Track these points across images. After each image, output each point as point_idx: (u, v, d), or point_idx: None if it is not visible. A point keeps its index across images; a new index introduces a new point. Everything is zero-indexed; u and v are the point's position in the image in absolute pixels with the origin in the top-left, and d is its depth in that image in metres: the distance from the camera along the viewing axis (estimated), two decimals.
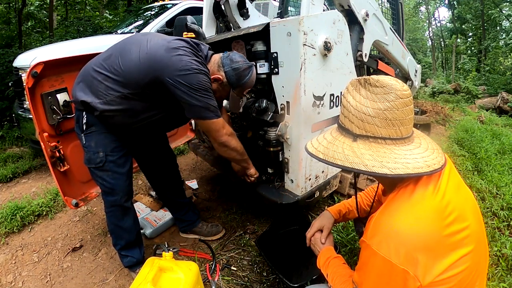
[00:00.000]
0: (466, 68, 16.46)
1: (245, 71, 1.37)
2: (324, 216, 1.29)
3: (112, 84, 1.29)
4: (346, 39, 1.61)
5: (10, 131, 4.30)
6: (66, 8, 9.27)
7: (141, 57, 1.26)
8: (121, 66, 1.28)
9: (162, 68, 1.23)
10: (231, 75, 1.36)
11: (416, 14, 20.77)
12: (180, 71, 1.22)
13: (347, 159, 0.76)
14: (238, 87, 1.40)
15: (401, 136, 0.76)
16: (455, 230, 0.70)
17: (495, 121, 5.88)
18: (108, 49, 1.40)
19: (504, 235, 1.88)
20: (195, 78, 1.24)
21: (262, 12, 3.96)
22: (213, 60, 1.40)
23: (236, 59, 1.37)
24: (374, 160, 0.73)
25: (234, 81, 1.38)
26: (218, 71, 1.38)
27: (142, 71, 1.25)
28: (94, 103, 1.31)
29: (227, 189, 2.59)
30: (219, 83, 1.39)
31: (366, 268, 0.79)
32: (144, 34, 1.41)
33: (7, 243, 2.07)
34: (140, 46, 1.28)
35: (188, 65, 1.23)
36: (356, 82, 0.80)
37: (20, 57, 3.17)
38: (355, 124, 0.78)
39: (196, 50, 1.32)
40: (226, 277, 1.65)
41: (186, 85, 1.22)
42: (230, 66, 1.36)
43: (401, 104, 0.74)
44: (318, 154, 0.82)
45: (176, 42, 1.29)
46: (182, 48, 1.26)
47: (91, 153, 1.40)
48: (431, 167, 0.72)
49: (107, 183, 1.44)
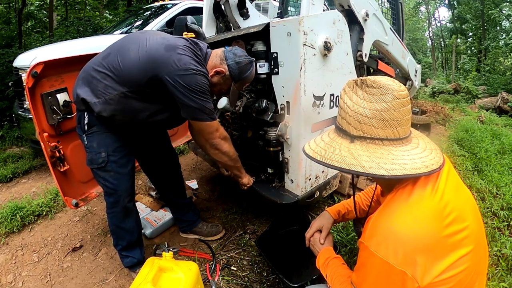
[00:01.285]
0: (466, 68, 16.46)
1: (247, 65, 1.40)
2: (323, 217, 1.29)
3: (111, 83, 1.29)
4: (346, 39, 1.61)
5: (10, 131, 4.30)
6: (66, 8, 9.26)
7: (141, 56, 1.26)
8: (120, 65, 1.28)
9: (161, 67, 1.24)
10: (234, 69, 1.38)
11: (416, 14, 20.76)
12: (179, 71, 1.23)
13: (344, 161, 0.75)
14: (240, 80, 1.43)
15: (399, 137, 0.76)
16: (454, 231, 0.70)
17: (495, 121, 5.88)
18: (107, 48, 1.40)
19: (504, 235, 1.88)
20: (194, 79, 1.25)
21: (262, 12, 3.96)
22: (215, 54, 1.42)
23: (239, 53, 1.40)
24: (372, 162, 0.73)
25: (236, 74, 1.40)
26: (220, 64, 1.39)
27: (142, 70, 1.26)
28: (93, 102, 1.31)
29: (227, 189, 2.59)
30: (221, 76, 1.40)
31: (364, 269, 0.79)
32: (143, 32, 1.42)
33: (7, 243, 2.07)
34: (140, 45, 1.29)
35: (187, 65, 1.24)
36: (352, 83, 0.80)
37: (20, 57, 3.17)
38: (352, 125, 0.78)
39: (195, 49, 1.32)
40: (226, 277, 1.65)
41: (184, 85, 1.23)
42: (234, 60, 1.38)
43: (398, 104, 0.74)
44: (315, 156, 0.82)
45: (176, 40, 1.30)
46: (182, 47, 1.27)
47: (93, 154, 1.40)
48: (429, 167, 0.72)
49: (110, 184, 1.44)
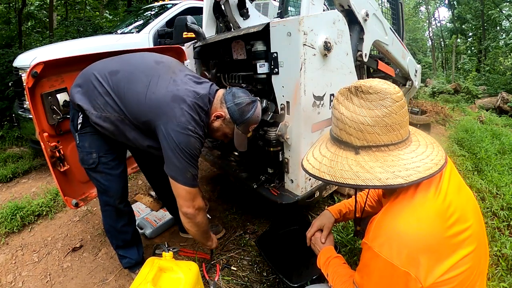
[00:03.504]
0: (466, 68, 16.46)
1: (248, 105, 1.32)
2: (324, 216, 1.29)
3: (112, 103, 1.26)
4: (346, 39, 1.61)
5: (10, 131, 4.30)
6: (66, 8, 9.26)
7: (147, 96, 1.22)
8: (125, 93, 1.25)
9: (160, 115, 1.20)
10: (234, 111, 1.30)
11: (416, 14, 20.76)
12: (177, 126, 1.18)
13: (359, 177, 0.72)
14: (242, 123, 1.33)
15: (402, 139, 0.76)
16: (457, 231, 0.70)
17: (495, 121, 5.88)
18: (117, 61, 1.36)
19: (504, 235, 1.88)
20: (187, 140, 1.20)
21: (262, 12, 3.96)
22: (216, 97, 1.35)
23: (238, 94, 1.33)
24: (386, 172, 0.71)
25: (237, 117, 1.31)
26: (220, 107, 1.32)
27: (142, 110, 1.23)
28: (90, 112, 1.29)
29: (227, 189, 2.59)
30: (222, 119, 1.34)
31: (367, 269, 0.79)
32: (158, 63, 1.34)
33: (7, 243, 2.07)
34: (150, 82, 1.25)
35: (186, 124, 1.19)
36: (345, 91, 0.77)
37: (20, 57, 3.17)
38: (354, 136, 0.75)
39: (201, 105, 1.26)
40: (226, 277, 1.65)
41: (175, 142, 1.18)
42: (233, 101, 1.31)
43: (398, 107, 0.73)
44: (324, 176, 0.77)
45: (186, 92, 1.24)
46: (188, 102, 1.21)
47: (84, 154, 1.39)
48: (438, 164, 0.72)
49: (101, 184, 1.44)
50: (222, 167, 2.12)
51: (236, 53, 1.86)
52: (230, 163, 2.14)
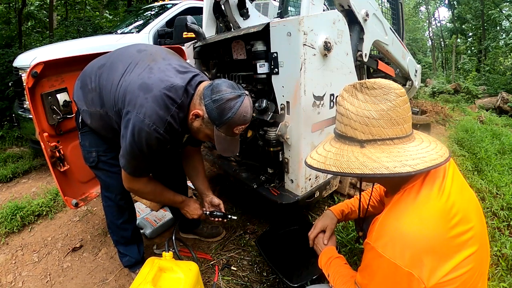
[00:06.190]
0: (466, 68, 16.45)
1: (228, 102, 1.06)
2: (327, 217, 1.28)
3: (96, 98, 1.24)
4: (346, 39, 1.61)
5: (10, 131, 4.30)
6: (66, 8, 9.26)
7: (119, 84, 1.16)
8: (105, 85, 1.20)
9: (126, 103, 1.11)
10: (211, 109, 1.08)
11: (416, 14, 20.77)
12: (139, 114, 1.07)
13: (366, 166, 0.72)
14: (222, 124, 1.09)
15: (406, 134, 0.77)
16: (460, 232, 0.70)
17: (495, 121, 5.87)
18: (105, 56, 1.34)
19: (504, 235, 1.88)
20: (145, 135, 1.08)
21: (262, 12, 3.96)
22: (197, 91, 1.16)
23: (218, 88, 1.08)
24: (393, 161, 0.72)
25: (215, 117, 1.08)
26: (199, 104, 1.13)
27: (115, 97, 1.16)
28: (82, 109, 1.31)
29: (227, 189, 2.59)
30: (201, 119, 1.13)
31: (370, 270, 0.79)
32: (139, 51, 1.26)
33: (7, 243, 2.07)
34: (126, 70, 1.18)
35: (144, 117, 1.07)
36: (350, 88, 0.78)
37: (20, 57, 3.17)
38: (359, 130, 0.76)
39: (172, 97, 1.10)
40: (226, 277, 1.65)
41: (132, 132, 1.09)
42: (210, 97, 1.08)
43: (402, 102, 0.75)
44: (330, 168, 0.77)
45: (158, 83, 1.10)
46: (158, 93, 1.08)
47: (85, 152, 1.42)
48: (443, 156, 0.73)
49: (103, 181, 1.49)
50: (222, 167, 2.12)
51: (236, 53, 1.86)
52: (230, 163, 2.14)
